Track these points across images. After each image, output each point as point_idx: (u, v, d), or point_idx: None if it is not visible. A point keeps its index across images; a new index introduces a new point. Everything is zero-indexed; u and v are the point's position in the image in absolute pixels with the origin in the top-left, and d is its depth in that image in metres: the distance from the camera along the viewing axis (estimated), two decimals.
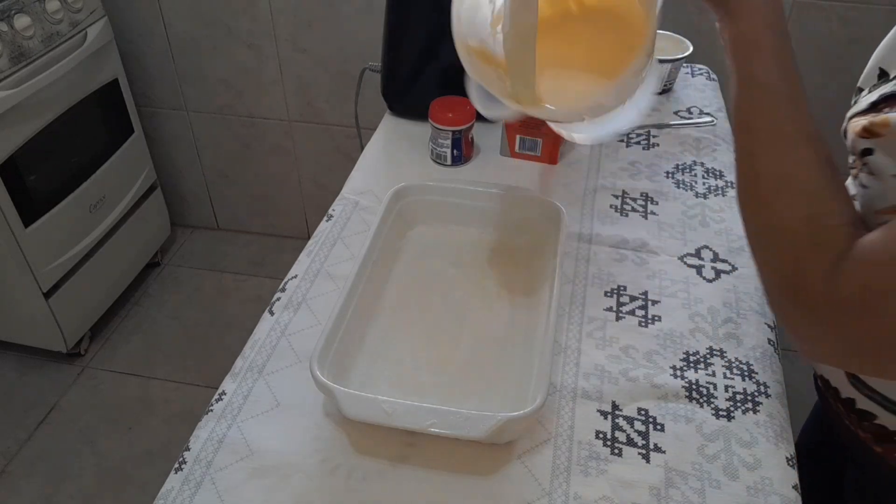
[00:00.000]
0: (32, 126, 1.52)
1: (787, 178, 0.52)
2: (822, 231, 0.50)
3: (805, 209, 0.51)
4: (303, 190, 2.09)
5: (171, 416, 1.69)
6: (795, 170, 0.52)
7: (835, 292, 0.48)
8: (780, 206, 0.52)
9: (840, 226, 0.49)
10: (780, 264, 0.53)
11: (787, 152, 0.52)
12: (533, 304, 0.75)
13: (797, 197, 0.51)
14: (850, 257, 0.48)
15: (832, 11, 1.51)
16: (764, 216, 0.54)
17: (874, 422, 0.63)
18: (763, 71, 0.54)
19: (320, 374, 0.60)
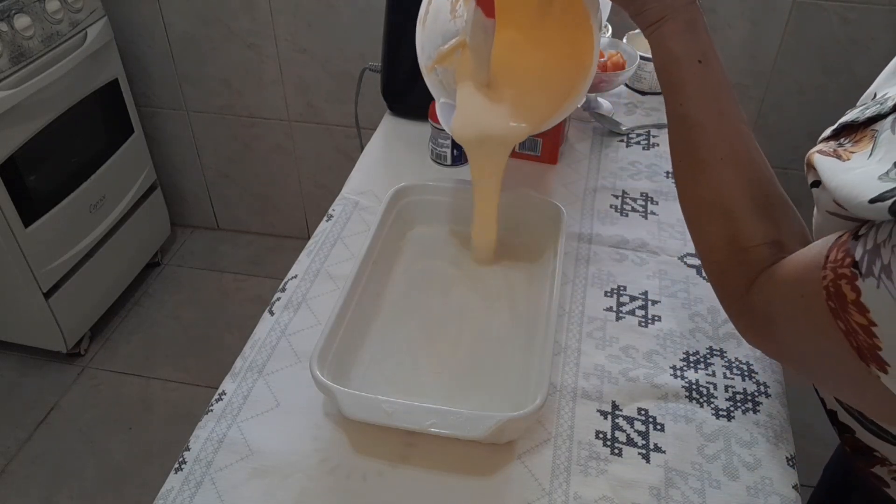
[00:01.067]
0: (32, 126, 1.52)
1: (706, 200, 0.55)
2: (741, 252, 0.53)
3: (724, 230, 0.54)
4: (303, 190, 2.09)
5: (171, 416, 1.69)
6: (713, 192, 0.54)
7: (749, 310, 0.52)
8: (702, 225, 0.56)
9: (758, 246, 0.52)
10: (711, 276, 0.57)
11: (704, 176, 0.55)
12: (533, 304, 0.75)
13: (716, 218, 0.54)
14: (764, 274, 0.51)
15: (832, 11, 1.51)
16: (695, 235, 0.58)
17: (854, 436, 0.63)
18: (678, 103, 0.56)
19: (320, 374, 0.60)
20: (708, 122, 0.55)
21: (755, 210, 0.53)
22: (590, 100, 1.12)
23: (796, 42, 1.57)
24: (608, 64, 1.05)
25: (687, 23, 0.55)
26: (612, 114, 1.10)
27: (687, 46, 0.55)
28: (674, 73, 0.56)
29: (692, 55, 0.55)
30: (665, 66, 0.57)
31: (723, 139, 0.54)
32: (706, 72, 0.55)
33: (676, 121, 0.57)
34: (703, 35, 0.56)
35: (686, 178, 0.57)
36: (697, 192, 0.56)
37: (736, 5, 1.54)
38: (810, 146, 0.54)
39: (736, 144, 0.54)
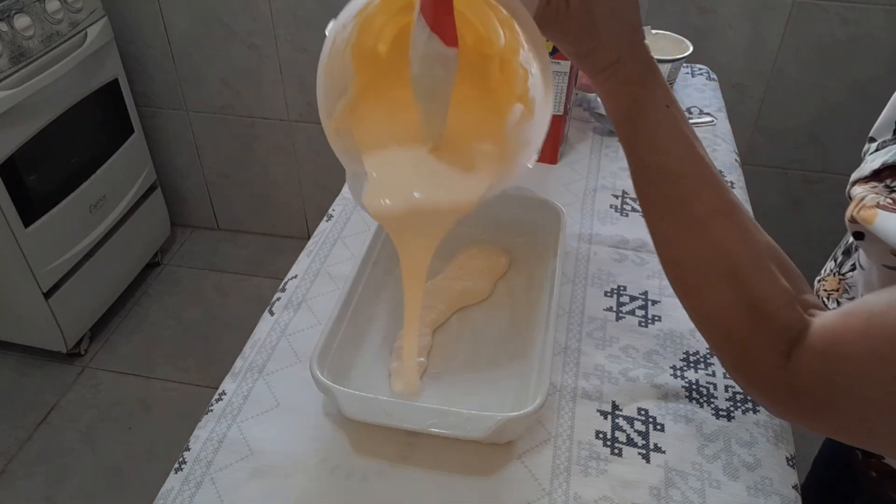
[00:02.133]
0: (32, 126, 1.52)
1: (707, 266, 0.47)
2: (763, 319, 0.45)
3: (736, 298, 0.46)
4: (303, 190, 2.09)
5: (171, 416, 1.69)
6: (713, 255, 0.47)
7: (793, 385, 0.44)
8: (708, 297, 0.47)
9: (781, 308, 0.45)
10: (726, 352, 0.48)
11: (700, 236, 0.47)
12: (533, 303, 0.75)
13: (724, 285, 0.46)
14: (807, 347, 0.43)
15: (832, 11, 1.51)
16: (695, 306, 0.49)
17: (882, 461, 0.62)
18: (654, 155, 0.49)
19: (320, 374, 0.60)
20: (692, 173, 0.48)
21: (764, 265, 0.46)
22: (590, 100, 1.12)
23: (796, 42, 1.57)
24: None
25: (646, 62, 0.49)
26: None
27: (652, 91, 0.49)
28: (644, 120, 0.49)
29: (659, 100, 0.49)
30: (632, 114, 0.49)
31: (711, 190, 0.47)
32: (675, 117, 0.48)
33: (653, 175, 0.49)
34: (661, 77, 0.49)
35: (674, 238, 0.49)
36: (694, 253, 0.47)
37: (736, 5, 1.54)
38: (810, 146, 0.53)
39: (723, 193, 0.48)
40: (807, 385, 0.43)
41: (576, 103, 1.10)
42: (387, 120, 0.57)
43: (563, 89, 0.92)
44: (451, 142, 0.56)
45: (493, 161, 0.56)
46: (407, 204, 0.55)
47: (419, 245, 0.58)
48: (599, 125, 1.07)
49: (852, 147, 1.68)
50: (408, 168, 0.55)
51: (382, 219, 0.57)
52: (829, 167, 1.73)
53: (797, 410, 0.46)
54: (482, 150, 0.56)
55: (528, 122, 0.54)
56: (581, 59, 0.50)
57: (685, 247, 0.48)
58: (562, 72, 0.91)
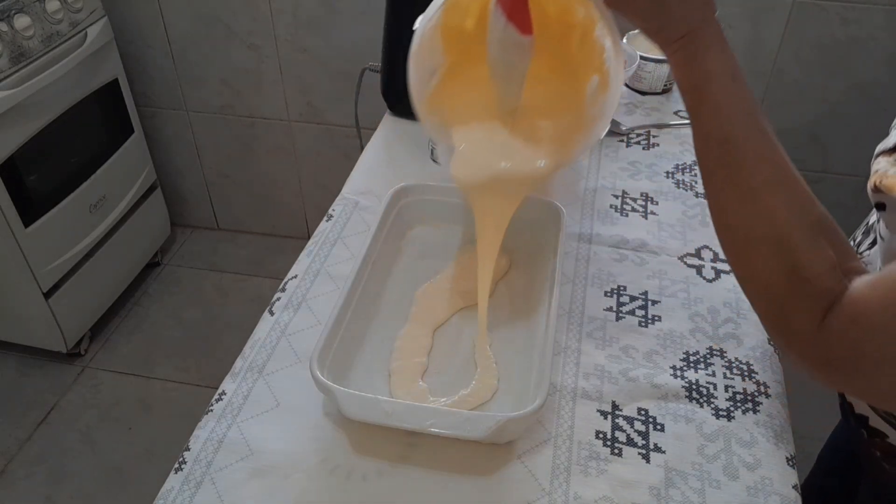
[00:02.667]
0: (32, 126, 1.52)
1: (757, 232, 0.50)
2: (803, 284, 0.48)
3: (780, 263, 0.49)
4: (303, 190, 2.09)
5: (171, 416, 1.69)
6: (763, 222, 0.49)
7: (825, 349, 0.47)
8: (754, 261, 0.51)
9: (821, 275, 0.47)
10: (767, 313, 0.52)
11: (752, 204, 0.50)
12: (533, 303, 0.75)
13: (770, 250, 0.49)
14: (840, 312, 0.46)
15: (832, 11, 1.51)
16: (742, 269, 0.52)
17: (886, 440, 0.62)
18: (716, 126, 0.51)
19: (320, 374, 0.60)
20: (751, 144, 0.50)
21: (811, 236, 0.48)
22: None
23: (796, 42, 1.57)
24: None
25: (717, 36, 0.51)
26: None
27: (722, 62, 0.51)
28: (711, 91, 0.51)
29: (727, 71, 0.51)
30: (697, 85, 0.51)
31: (768, 161, 0.50)
32: (741, 89, 0.51)
33: (715, 144, 0.51)
34: (730, 50, 0.52)
35: (730, 207, 0.51)
36: (746, 222, 0.50)
37: (736, 5, 1.54)
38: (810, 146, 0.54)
39: (781, 165, 0.50)
40: (837, 349, 0.46)
41: None
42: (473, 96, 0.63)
43: None
44: (530, 116, 0.63)
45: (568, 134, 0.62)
46: (486, 174, 0.62)
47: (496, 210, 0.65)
48: None
49: (852, 147, 1.68)
50: (488, 141, 0.62)
51: (465, 186, 0.64)
52: (829, 167, 1.72)
53: (829, 372, 0.48)
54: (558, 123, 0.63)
55: (602, 95, 0.59)
56: (651, 34, 0.52)
57: (738, 214, 0.51)
58: None
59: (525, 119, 0.63)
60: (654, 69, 1.11)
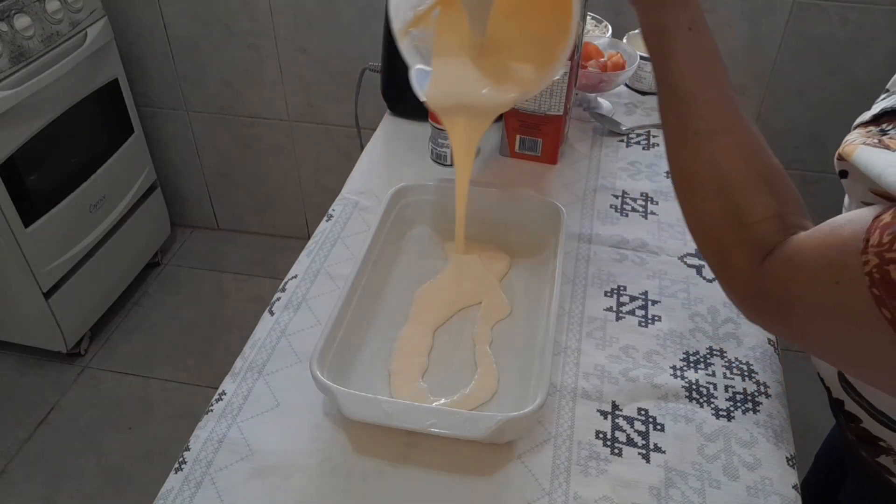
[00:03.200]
0: (32, 126, 1.52)
1: (700, 176, 0.52)
2: (743, 229, 0.50)
3: (720, 206, 0.51)
4: (303, 190, 2.09)
5: (171, 416, 1.68)
6: (706, 167, 0.51)
7: (760, 289, 0.49)
8: (697, 203, 0.53)
9: (761, 221, 0.49)
10: (708, 254, 0.54)
11: (697, 149, 0.52)
12: (533, 304, 0.75)
13: (711, 194, 0.51)
14: (777, 255, 0.48)
15: (832, 11, 1.51)
16: (687, 211, 0.54)
17: (860, 425, 0.63)
18: (667, 72, 0.53)
19: (320, 374, 0.60)
20: (700, 92, 0.52)
21: (754, 183, 0.50)
22: (590, 100, 1.12)
23: (796, 42, 1.57)
24: (608, 64, 1.05)
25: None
26: (612, 114, 1.10)
27: (676, 13, 0.52)
28: (663, 40, 0.53)
29: (682, 23, 0.52)
30: (654, 33, 0.54)
31: (716, 109, 0.52)
32: (697, 40, 0.52)
33: (666, 91, 0.54)
34: (693, 2, 0.53)
35: (678, 151, 0.54)
36: (691, 166, 0.53)
37: (736, 5, 1.54)
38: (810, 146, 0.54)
39: (730, 114, 0.52)
40: (771, 289, 0.48)
41: (576, 103, 1.10)
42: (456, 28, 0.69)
43: (563, 89, 0.92)
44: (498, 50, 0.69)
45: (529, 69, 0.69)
46: (454, 100, 0.69)
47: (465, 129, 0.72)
48: (599, 125, 1.07)
49: None
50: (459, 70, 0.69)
51: (435, 107, 0.71)
52: (829, 167, 1.72)
53: (763, 314, 0.51)
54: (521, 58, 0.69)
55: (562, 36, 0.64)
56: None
57: (684, 158, 0.53)
58: (562, 72, 0.91)
59: (494, 52, 0.69)
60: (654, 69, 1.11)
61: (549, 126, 0.95)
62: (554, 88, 0.92)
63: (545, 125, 0.95)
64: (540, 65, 0.68)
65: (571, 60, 0.90)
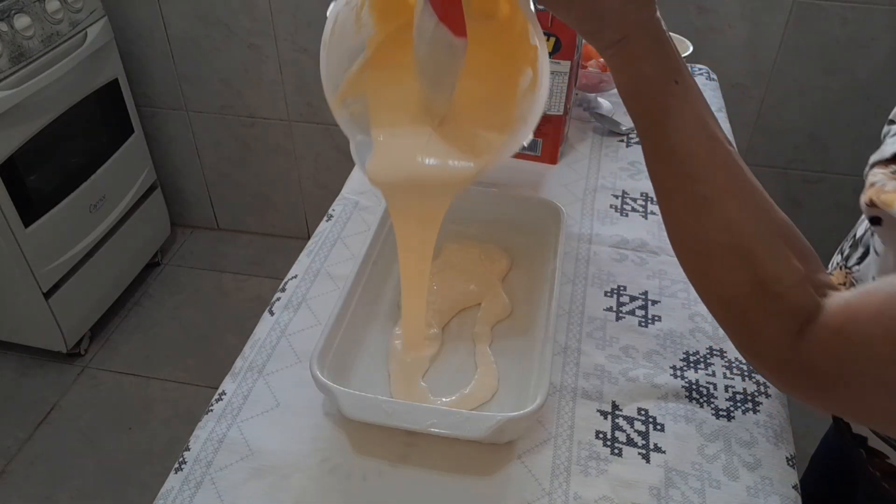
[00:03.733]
0: (32, 126, 1.52)
1: (715, 244, 0.47)
2: (774, 300, 0.45)
3: (744, 275, 0.46)
4: (303, 190, 2.09)
5: (171, 416, 1.69)
6: (721, 233, 0.46)
7: (804, 363, 0.44)
8: (716, 274, 0.47)
9: (791, 288, 0.45)
10: (735, 330, 0.49)
11: (708, 215, 0.46)
12: (533, 304, 0.75)
13: (732, 262, 0.46)
14: (820, 325, 0.43)
15: (832, 11, 1.51)
16: (705, 284, 0.49)
17: (886, 461, 0.62)
18: (661, 134, 0.48)
19: (320, 374, 0.60)
20: (701, 151, 0.47)
21: (775, 245, 0.46)
22: (590, 100, 1.12)
23: (796, 42, 1.57)
24: None
25: (654, 39, 0.47)
26: (612, 114, 1.10)
27: (660, 66, 0.47)
28: (650, 97, 0.47)
29: (668, 75, 0.47)
30: (638, 90, 0.48)
31: (721, 167, 0.47)
32: (686, 93, 0.47)
33: (661, 153, 0.48)
34: (672, 52, 0.47)
35: (684, 219, 0.48)
36: (703, 235, 0.47)
37: (736, 5, 1.54)
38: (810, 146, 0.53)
39: (735, 171, 0.47)
40: (819, 363, 0.44)
41: (576, 103, 1.10)
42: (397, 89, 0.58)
43: (563, 89, 0.92)
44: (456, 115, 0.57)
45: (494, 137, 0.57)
46: (406, 173, 0.57)
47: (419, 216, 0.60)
48: (599, 125, 1.07)
49: (852, 147, 1.68)
50: (411, 140, 0.57)
51: (383, 185, 0.58)
52: (828, 167, 1.72)
53: (807, 388, 0.46)
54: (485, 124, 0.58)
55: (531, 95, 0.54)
56: (586, 36, 0.49)
57: (693, 228, 0.48)
58: (562, 72, 0.91)
59: (451, 119, 0.58)
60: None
61: (549, 126, 0.95)
62: (554, 88, 0.92)
63: (545, 125, 0.95)
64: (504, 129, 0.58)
65: (571, 60, 0.90)
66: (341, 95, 0.57)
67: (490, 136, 0.58)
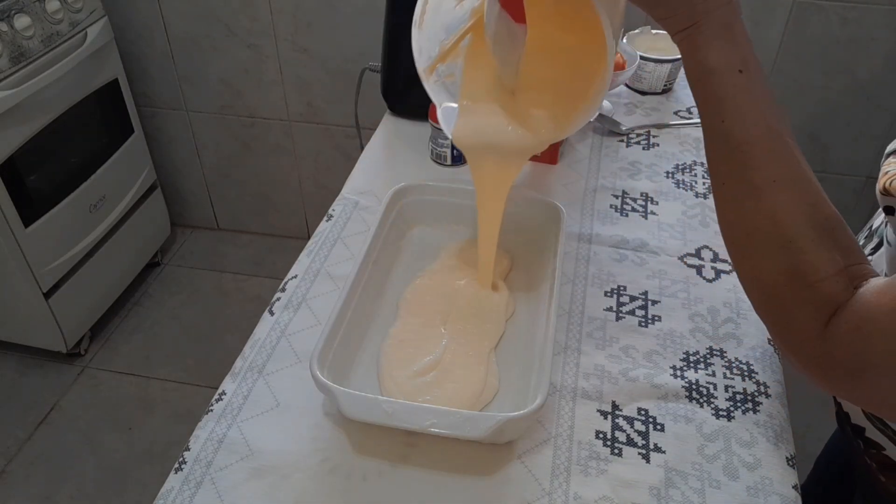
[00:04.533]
0: (32, 126, 1.52)
1: (760, 231, 0.48)
2: (807, 289, 0.46)
3: (784, 264, 0.47)
4: (303, 190, 2.09)
5: (171, 416, 1.69)
6: (767, 222, 0.48)
7: (827, 353, 0.46)
8: (757, 261, 0.49)
9: (826, 279, 0.46)
10: (769, 315, 0.50)
11: (756, 202, 0.48)
12: (533, 304, 0.75)
13: (773, 250, 0.47)
14: (845, 317, 0.45)
15: (832, 11, 1.51)
16: (744, 269, 0.51)
17: (882, 452, 0.62)
18: (719, 120, 0.49)
19: (320, 374, 0.60)
20: (756, 140, 0.48)
21: (819, 237, 0.46)
22: None
23: (796, 42, 1.57)
24: None
25: (723, 27, 0.49)
26: (612, 114, 1.10)
27: (725, 55, 0.48)
28: (712, 85, 0.49)
29: (732, 65, 0.48)
30: (701, 77, 0.50)
31: (775, 158, 0.48)
32: (749, 82, 0.48)
33: (718, 139, 0.50)
34: (742, 40, 0.49)
35: (733, 204, 0.50)
36: (749, 220, 0.48)
37: None
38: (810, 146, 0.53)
39: (790, 163, 0.48)
40: (840, 354, 0.45)
41: None
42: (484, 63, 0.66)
43: None
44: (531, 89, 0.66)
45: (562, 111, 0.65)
46: (483, 139, 0.66)
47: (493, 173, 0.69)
48: (599, 125, 1.07)
49: (852, 147, 1.68)
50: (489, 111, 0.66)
51: (463, 147, 0.68)
52: (829, 167, 1.73)
53: (830, 378, 0.48)
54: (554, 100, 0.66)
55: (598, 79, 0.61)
56: (660, 20, 0.51)
57: (741, 212, 0.49)
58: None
59: (526, 92, 0.66)
60: (653, 69, 1.11)
61: None
62: None
63: None
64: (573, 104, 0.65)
65: None
66: (434, 64, 0.67)
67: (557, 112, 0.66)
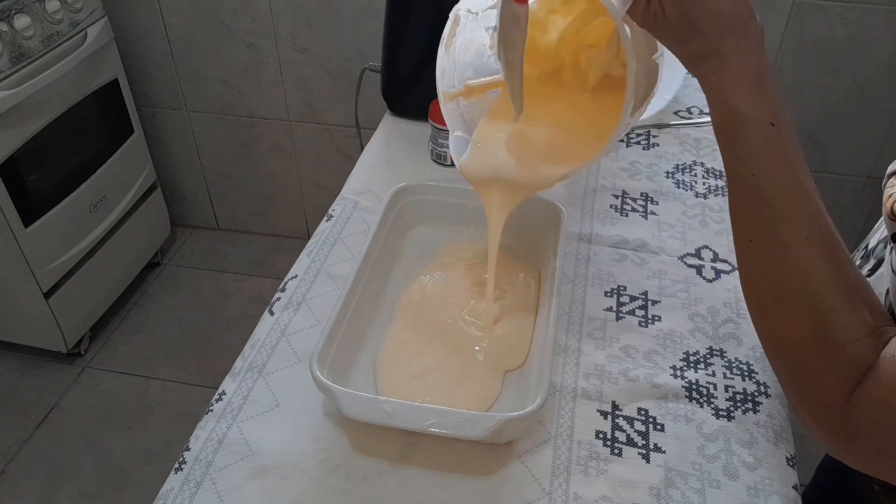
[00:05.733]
0: (32, 126, 1.52)
1: (788, 289, 0.46)
2: (834, 351, 0.44)
3: (811, 324, 0.45)
4: (303, 190, 2.09)
5: (171, 416, 1.69)
6: (796, 279, 0.46)
7: (851, 425, 0.44)
8: (784, 319, 0.47)
9: (854, 342, 0.44)
10: (791, 380, 0.48)
11: (785, 260, 0.46)
12: (533, 304, 0.75)
13: (801, 309, 0.45)
14: (871, 387, 0.43)
15: (832, 11, 1.51)
16: (769, 329, 0.49)
17: None
18: (748, 172, 0.47)
19: (320, 374, 0.60)
20: (787, 196, 0.46)
21: (848, 296, 0.45)
22: None
23: (796, 42, 1.57)
24: None
25: (754, 74, 0.47)
26: None
27: (757, 105, 0.47)
28: (742, 135, 0.47)
29: (764, 116, 0.47)
30: (730, 126, 0.48)
31: (805, 215, 0.46)
32: (780, 136, 0.47)
33: (746, 192, 0.48)
34: (774, 90, 0.47)
35: (759, 259, 0.48)
36: (776, 277, 0.47)
37: None
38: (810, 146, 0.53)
39: (819, 220, 0.46)
40: (865, 427, 0.44)
41: None
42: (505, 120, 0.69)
43: None
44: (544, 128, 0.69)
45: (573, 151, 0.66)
46: (487, 176, 0.68)
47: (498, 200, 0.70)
48: None
49: (852, 147, 1.68)
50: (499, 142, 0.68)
51: (470, 179, 0.70)
52: (828, 167, 1.73)
53: (851, 450, 0.46)
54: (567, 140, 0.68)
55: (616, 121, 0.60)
56: (687, 61, 0.49)
57: (768, 268, 0.47)
58: None
59: (539, 130, 0.69)
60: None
61: None
62: None
63: None
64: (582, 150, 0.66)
65: None
66: (456, 95, 0.70)
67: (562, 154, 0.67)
